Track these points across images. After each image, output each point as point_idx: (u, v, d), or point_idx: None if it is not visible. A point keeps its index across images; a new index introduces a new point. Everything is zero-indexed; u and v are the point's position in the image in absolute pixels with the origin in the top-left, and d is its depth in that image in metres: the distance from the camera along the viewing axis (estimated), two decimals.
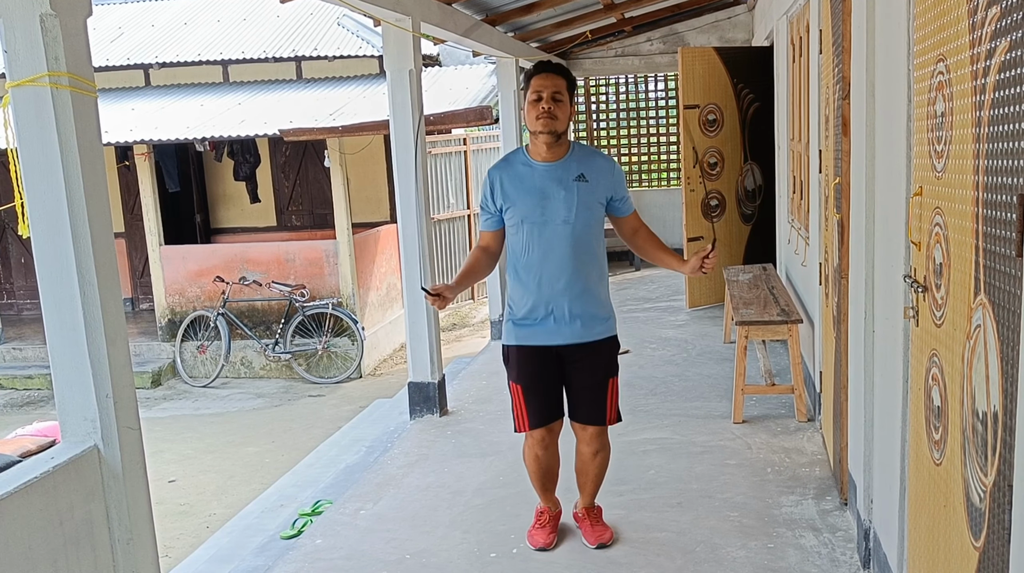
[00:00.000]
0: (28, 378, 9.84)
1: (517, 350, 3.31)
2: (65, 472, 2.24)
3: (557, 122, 3.15)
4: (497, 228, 3.33)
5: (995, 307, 1.72)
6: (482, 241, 3.40)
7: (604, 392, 3.32)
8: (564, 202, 3.17)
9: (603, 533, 3.51)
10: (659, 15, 9.30)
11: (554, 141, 3.18)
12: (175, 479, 6.64)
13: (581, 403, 3.34)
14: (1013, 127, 1.61)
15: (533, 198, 3.18)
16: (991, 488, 1.74)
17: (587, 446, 3.40)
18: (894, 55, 2.61)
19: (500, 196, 3.25)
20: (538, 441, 3.37)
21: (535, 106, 3.14)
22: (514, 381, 3.35)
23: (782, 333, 4.92)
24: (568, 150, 3.24)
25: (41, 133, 2.22)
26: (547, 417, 3.34)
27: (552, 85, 3.15)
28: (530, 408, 3.32)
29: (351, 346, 9.53)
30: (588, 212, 3.20)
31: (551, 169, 3.21)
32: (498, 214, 3.29)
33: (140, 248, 11.10)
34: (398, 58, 5.19)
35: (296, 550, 3.72)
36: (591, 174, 3.21)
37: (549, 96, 3.13)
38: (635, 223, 3.38)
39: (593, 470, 3.45)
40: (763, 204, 7.94)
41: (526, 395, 3.32)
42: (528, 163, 3.24)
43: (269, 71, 11.32)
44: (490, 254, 3.39)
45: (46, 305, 2.33)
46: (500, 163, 3.35)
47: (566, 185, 3.18)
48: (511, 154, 3.37)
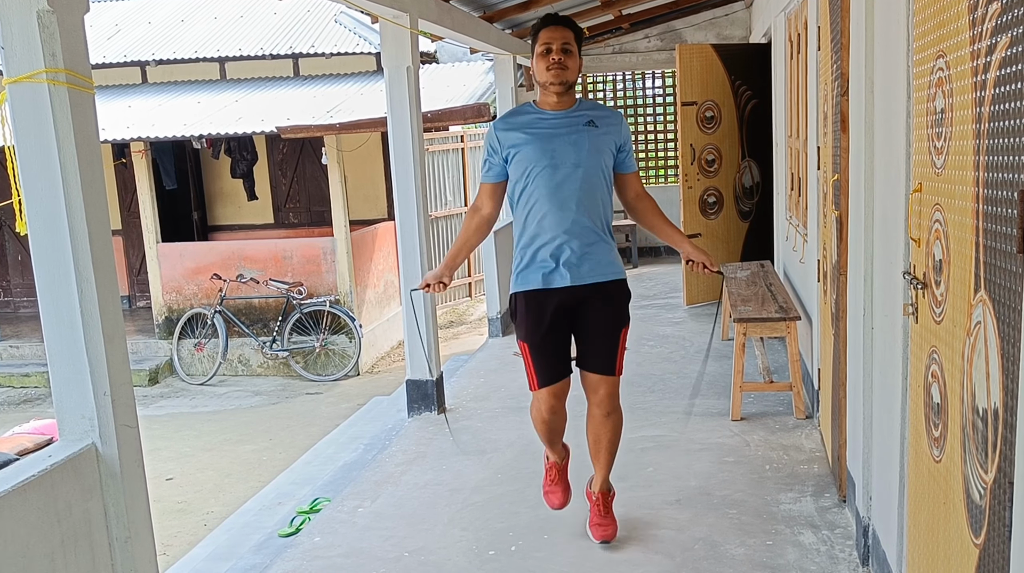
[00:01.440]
0: (25, 376, 9.82)
1: (525, 298, 3.25)
2: (63, 470, 2.23)
3: (568, 72, 3.15)
4: (499, 179, 3.29)
5: (995, 304, 1.72)
6: (478, 198, 3.37)
7: (615, 340, 3.27)
8: (574, 145, 3.15)
9: (607, 528, 3.47)
10: (656, 12, 9.29)
11: (564, 91, 3.18)
12: (172, 477, 6.64)
13: (591, 351, 3.29)
14: (1014, 123, 1.60)
15: (543, 142, 3.16)
16: (991, 485, 1.73)
17: (598, 408, 3.33)
18: (893, 51, 2.61)
19: (508, 142, 3.21)
20: (546, 405, 3.30)
21: (544, 58, 3.14)
22: (522, 339, 3.30)
23: (780, 330, 4.92)
24: (576, 102, 3.26)
25: (38, 130, 2.21)
26: (554, 375, 3.27)
27: (561, 36, 3.15)
28: (537, 364, 3.27)
29: (349, 344, 9.52)
30: (598, 156, 3.18)
31: (561, 115, 3.20)
32: (502, 164, 3.25)
33: (137, 246, 11.09)
34: (396, 55, 5.18)
35: (294, 548, 3.72)
36: (600, 121, 3.21)
37: (559, 47, 3.14)
38: (638, 186, 3.37)
39: (607, 435, 3.37)
40: (761, 201, 7.94)
41: (533, 353, 3.27)
42: (537, 112, 3.24)
43: (266, 68, 11.30)
44: (482, 217, 3.36)
45: (43, 303, 2.32)
46: (506, 114, 3.33)
47: (576, 129, 3.17)
48: (517, 107, 3.35)
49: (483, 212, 3.37)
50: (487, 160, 3.30)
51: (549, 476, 3.59)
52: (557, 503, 3.55)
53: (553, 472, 3.57)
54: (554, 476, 3.57)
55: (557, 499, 3.55)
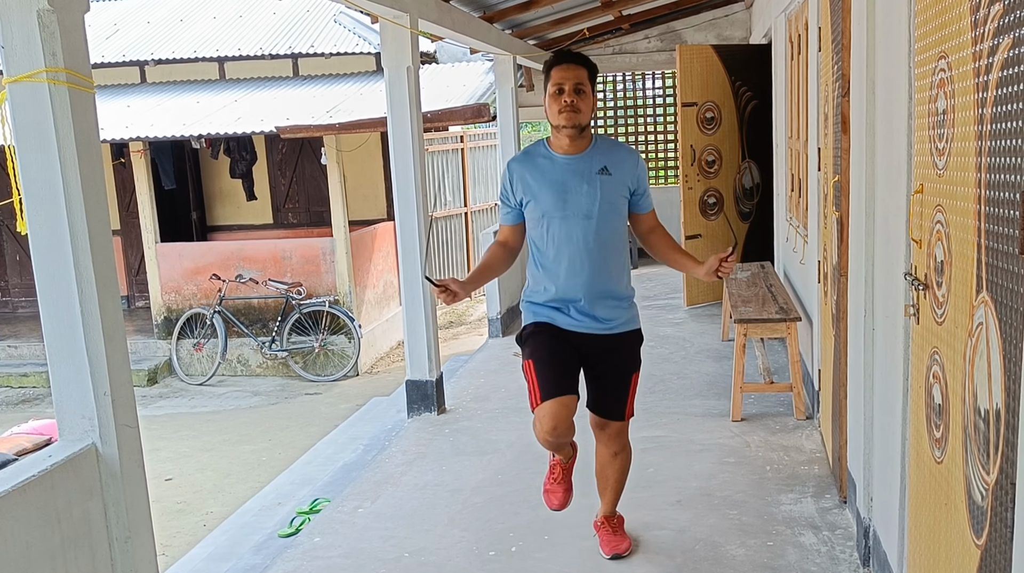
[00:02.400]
0: (24, 376, 9.81)
1: (534, 326, 3.18)
2: (63, 470, 2.23)
3: (580, 115, 3.04)
4: (517, 222, 3.22)
5: (997, 305, 1.72)
6: (500, 235, 3.30)
7: (626, 387, 3.21)
8: (587, 196, 3.06)
9: (620, 544, 3.39)
10: (656, 13, 9.29)
11: (577, 134, 3.08)
12: (172, 477, 6.63)
13: (601, 397, 3.22)
14: (1016, 124, 1.60)
15: (555, 192, 3.08)
16: (993, 486, 1.73)
17: (606, 447, 3.29)
18: (895, 53, 2.61)
19: (520, 189, 3.14)
20: (548, 426, 3.01)
21: (557, 99, 3.03)
22: (527, 358, 3.13)
23: (780, 331, 4.92)
24: (591, 142, 3.14)
25: (39, 129, 2.21)
26: (560, 388, 3.03)
27: (574, 76, 3.03)
28: (541, 379, 3.05)
29: (348, 344, 9.52)
30: (611, 206, 3.10)
31: (573, 162, 3.10)
32: (518, 208, 3.18)
33: (136, 246, 11.08)
34: (396, 55, 5.17)
35: (294, 548, 3.71)
36: (614, 167, 3.10)
37: (571, 88, 3.02)
38: (652, 222, 3.28)
39: (614, 474, 3.34)
40: (761, 202, 7.94)
41: (538, 367, 3.08)
42: (549, 156, 3.14)
43: (265, 68, 11.29)
44: (508, 250, 3.28)
45: (43, 302, 2.31)
46: (520, 156, 3.24)
47: (588, 178, 3.07)
48: (531, 147, 3.25)
49: (510, 245, 3.28)
50: (503, 202, 3.24)
51: (552, 473, 3.42)
52: (557, 503, 3.39)
53: (557, 470, 3.41)
54: (558, 474, 3.41)
55: (557, 499, 3.38)
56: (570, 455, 3.41)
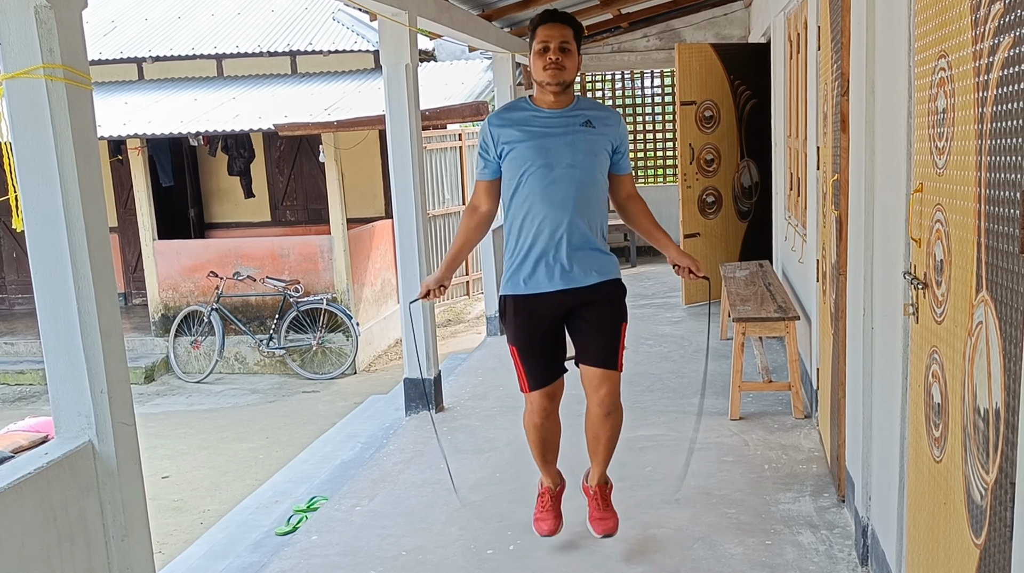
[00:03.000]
0: (20, 373, 9.79)
1: (514, 301, 3.19)
2: (59, 468, 2.22)
3: (565, 72, 3.06)
4: (495, 176, 3.22)
5: (997, 304, 1.71)
6: (475, 197, 3.30)
7: (615, 334, 3.19)
8: (569, 146, 3.08)
9: (608, 521, 3.39)
10: (655, 11, 9.28)
11: (561, 91, 3.10)
12: (168, 475, 6.62)
13: (591, 345, 3.19)
14: (1016, 123, 1.60)
15: (537, 141, 3.09)
16: (993, 485, 1.73)
17: (599, 407, 3.21)
18: (894, 52, 2.61)
19: (502, 139, 3.13)
20: (538, 407, 3.24)
21: (542, 56, 3.06)
22: (511, 342, 3.25)
23: (779, 330, 4.92)
24: (574, 100, 3.18)
25: (36, 126, 2.20)
26: (546, 377, 3.21)
27: (559, 35, 3.06)
28: (528, 369, 3.21)
29: (345, 342, 9.51)
30: (593, 158, 3.11)
31: (557, 115, 3.12)
32: (496, 161, 3.17)
33: (133, 243, 11.07)
34: (394, 53, 5.17)
35: (291, 546, 3.71)
36: (597, 122, 3.13)
37: (556, 46, 3.05)
38: (630, 187, 3.31)
39: (606, 433, 3.29)
40: (759, 201, 7.94)
41: (522, 356, 3.21)
42: (532, 108, 3.16)
43: (263, 65, 11.28)
44: (482, 215, 3.29)
45: (40, 299, 2.30)
46: (501, 110, 3.25)
47: (572, 130, 3.10)
48: (512, 102, 3.27)
49: (481, 210, 3.30)
50: (481, 156, 3.23)
51: (541, 502, 3.49)
52: (547, 530, 3.44)
53: (546, 498, 3.47)
54: (547, 502, 3.47)
55: (548, 526, 3.45)
56: (557, 481, 3.50)
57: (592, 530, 3.42)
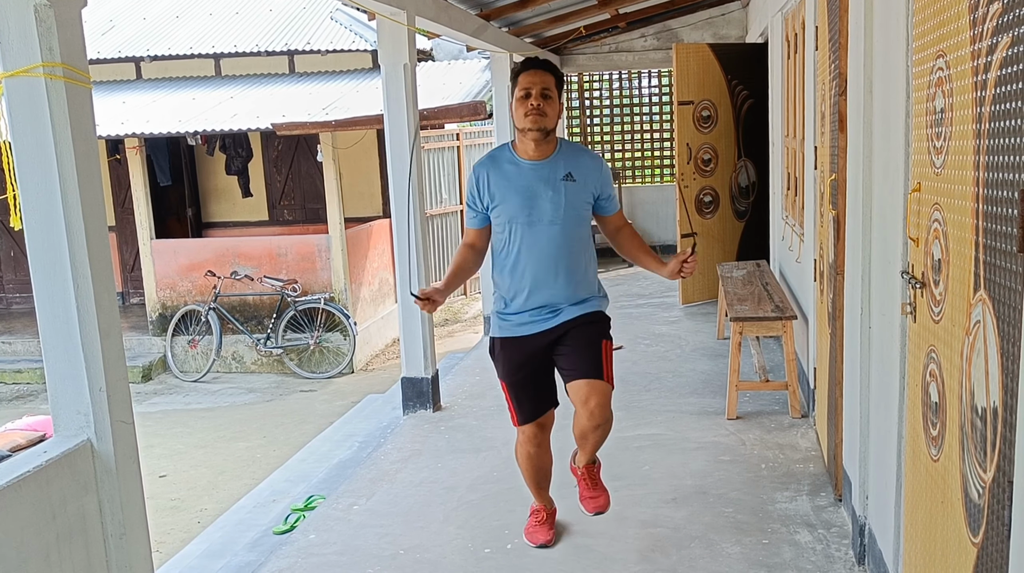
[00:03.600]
0: (17, 372, 9.78)
1: (502, 342, 3.27)
2: (58, 466, 2.22)
3: (546, 119, 3.09)
4: (483, 226, 3.28)
5: (995, 303, 1.72)
6: (467, 238, 3.35)
7: (598, 349, 3.20)
8: (551, 202, 3.12)
9: (599, 499, 3.37)
10: (653, 11, 9.29)
11: (542, 138, 3.13)
12: (166, 474, 6.61)
13: (575, 360, 3.20)
14: (1014, 123, 1.60)
15: (520, 198, 3.13)
16: (990, 484, 1.73)
17: (589, 420, 3.18)
18: (893, 51, 2.61)
19: (487, 195, 3.20)
20: (529, 438, 3.33)
21: (523, 103, 3.09)
22: (501, 378, 3.34)
23: (776, 329, 4.92)
24: (556, 148, 3.19)
25: (35, 124, 2.20)
26: (535, 412, 3.30)
27: (541, 82, 3.09)
28: (517, 404, 3.30)
29: (343, 341, 9.50)
30: (575, 212, 3.16)
31: (538, 168, 3.15)
32: (484, 212, 3.24)
33: (131, 242, 11.05)
34: (393, 52, 5.17)
35: (289, 545, 3.71)
36: (578, 173, 3.16)
37: (538, 93, 3.08)
38: (618, 222, 3.35)
39: (593, 438, 3.27)
40: (757, 201, 7.95)
41: (511, 391, 3.30)
42: (515, 161, 3.19)
43: (261, 65, 11.26)
44: (476, 251, 3.34)
45: (39, 298, 2.30)
46: (486, 160, 3.28)
47: (553, 185, 3.13)
48: (497, 151, 3.30)
49: (476, 247, 3.34)
50: (470, 207, 3.29)
51: (536, 517, 3.54)
52: (543, 539, 3.47)
53: (540, 514, 3.54)
54: (540, 518, 3.53)
55: (542, 536, 3.49)
56: (551, 504, 3.56)
57: (584, 509, 3.40)
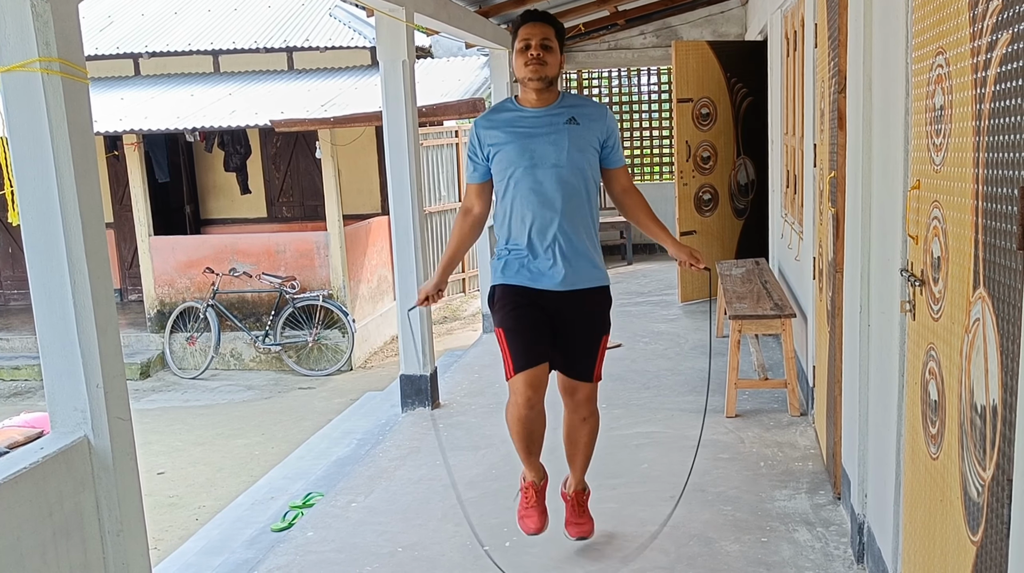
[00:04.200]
0: (15, 369, 9.77)
1: (503, 288, 3.21)
2: (55, 463, 2.21)
3: (547, 67, 3.09)
4: (485, 179, 3.25)
5: (995, 301, 1.71)
6: (467, 199, 3.32)
7: (595, 348, 3.22)
8: (554, 144, 3.10)
9: (583, 526, 3.42)
10: (652, 8, 9.28)
11: (544, 87, 3.13)
12: (164, 471, 6.61)
13: (569, 358, 3.22)
14: (1014, 120, 1.60)
15: (522, 141, 3.12)
16: (989, 482, 1.73)
17: (575, 413, 3.26)
18: (892, 49, 2.60)
19: (488, 141, 3.17)
20: (522, 398, 3.13)
21: (524, 53, 3.10)
22: (497, 325, 3.23)
23: (775, 327, 4.92)
24: (558, 97, 3.19)
25: (31, 119, 2.19)
26: (531, 358, 3.13)
27: (540, 33, 3.11)
28: (513, 349, 3.15)
29: (341, 338, 9.50)
30: (579, 155, 3.12)
31: (541, 113, 3.15)
32: (485, 163, 3.21)
33: (129, 239, 11.04)
34: (392, 49, 5.16)
35: (287, 543, 3.70)
36: (582, 118, 3.15)
37: (538, 43, 3.09)
38: (625, 181, 3.31)
39: (583, 438, 3.30)
40: (756, 198, 7.95)
41: (508, 336, 3.17)
42: (517, 109, 3.19)
43: (260, 61, 11.25)
44: (474, 218, 3.31)
45: (36, 294, 2.29)
46: (487, 112, 3.29)
47: (556, 128, 3.12)
48: (498, 104, 3.31)
49: (474, 212, 3.32)
50: (470, 159, 3.26)
51: (525, 497, 3.44)
52: (533, 527, 3.39)
53: (530, 492, 3.42)
54: (531, 497, 3.42)
55: (533, 523, 3.39)
56: (541, 475, 3.43)
57: (567, 533, 3.46)
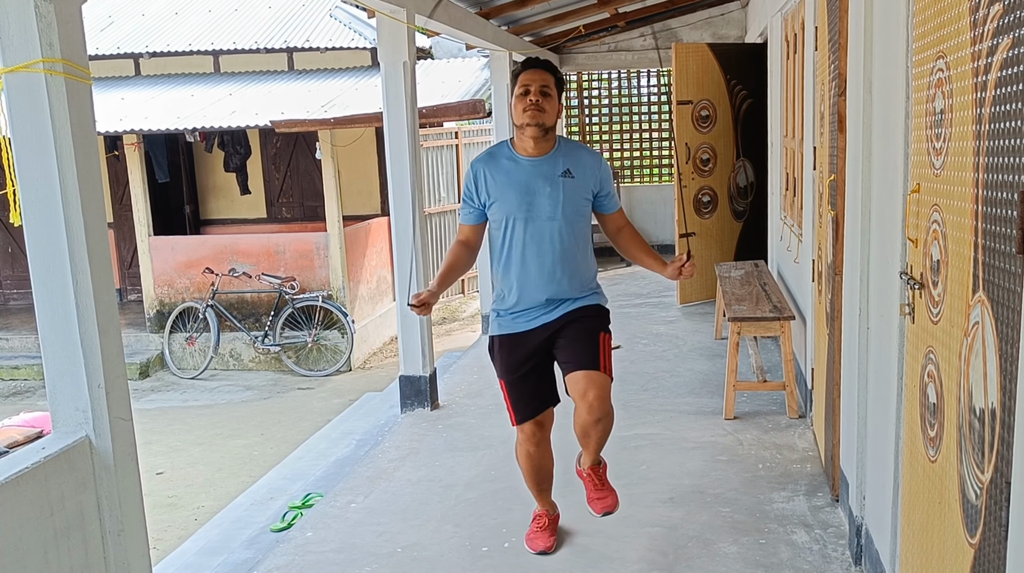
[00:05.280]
0: (15, 369, 9.76)
1: (500, 340, 3.26)
2: (56, 463, 2.21)
3: (545, 115, 3.10)
4: (479, 222, 3.28)
5: (994, 304, 1.72)
6: (461, 234, 3.34)
7: (595, 342, 3.19)
8: (550, 198, 3.12)
9: (606, 499, 3.31)
10: (652, 11, 9.29)
11: (541, 135, 3.13)
12: (163, 471, 6.61)
13: (573, 353, 3.19)
14: (1014, 124, 1.61)
15: (518, 194, 3.13)
16: (988, 485, 1.74)
17: (589, 414, 3.11)
18: (892, 52, 2.61)
19: (484, 191, 3.19)
20: (528, 437, 3.31)
21: (522, 99, 3.11)
22: (499, 377, 3.32)
23: (774, 329, 4.93)
24: (554, 145, 3.20)
25: (35, 120, 2.19)
26: (533, 410, 3.27)
27: (540, 79, 3.12)
28: (515, 402, 3.28)
29: (341, 339, 9.50)
30: (574, 208, 3.15)
31: (537, 164, 3.15)
32: (481, 208, 3.23)
33: (129, 239, 11.04)
34: (392, 50, 5.16)
35: (286, 543, 3.71)
36: (577, 169, 3.16)
37: (537, 90, 3.10)
38: (619, 221, 3.34)
39: (596, 434, 3.23)
40: (755, 201, 7.96)
41: (510, 390, 3.28)
42: (513, 158, 3.19)
43: (260, 62, 11.25)
44: (470, 248, 3.33)
45: (38, 294, 2.30)
46: (484, 156, 3.28)
47: (552, 181, 3.13)
48: (495, 147, 3.30)
49: (469, 245, 3.33)
50: (466, 202, 3.26)
51: (537, 523, 3.50)
52: (543, 546, 3.43)
53: (543, 520, 3.48)
54: (543, 524, 3.48)
55: (543, 543, 3.44)
56: (553, 509, 3.52)
57: (592, 510, 3.33)
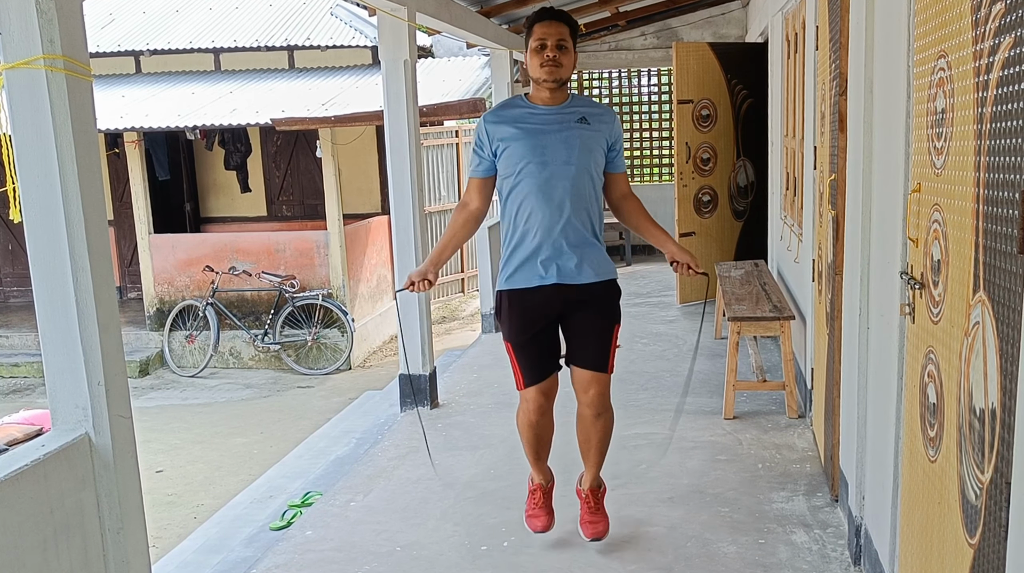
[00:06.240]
0: (14, 366, 9.77)
1: (509, 296, 3.20)
2: (56, 460, 2.21)
3: (562, 69, 3.09)
4: (488, 174, 3.23)
5: (995, 304, 1.72)
6: (467, 193, 3.30)
7: (607, 338, 3.21)
8: (565, 142, 3.09)
9: (598, 525, 3.41)
10: (653, 10, 9.29)
11: (557, 88, 3.13)
12: (162, 469, 6.61)
13: (582, 348, 3.21)
14: (1016, 124, 1.60)
15: (533, 138, 3.10)
16: (988, 485, 1.74)
17: (589, 408, 3.23)
18: (894, 52, 2.61)
19: (497, 137, 3.14)
20: (533, 405, 3.24)
21: (539, 54, 3.08)
22: (506, 338, 3.26)
23: (774, 329, 4.93)
24: (569, 97, 3.20)
25: (35, 116, 2.19)
26: (540, 373, 3.22)
27: (556, 32, 3.09)
28: (523, 366, 3.23)
29: (341, 338, 9.51)
30: (588, 155, 3.12)
31: (552, 111, 3.14)
32: (491, 158, 3.19)
33: (129, 236, 11.04)
34: (393, 48, 5.16)
35: (286, 541, 3.71)
36: (592, 119, 3.15)
37: (554, 44, 3.07)
38: (624, 187, 3.33)
39: (597, 435, 3.29)
40: (755, 200, 7.95)
41: (518, 354, 3.23)
42: (528, 106, 3.18)
43: (261, 60, 11.25)
44: (471, 211, 3.29)
45: (38, 291, 2.30)
46: (497, 107, 3.26)
47: (567, 127, 3.11)
48: (508, 100, 3.29)
49: (471, 207, 3.30)
50: (476, 153, 3.23)
51: (533, 499, 3.50)
52: (540, 526, 3.45)
53: (538, 494, 3.48)
54: (539, 499, 3.48)
55: (541, 522, 3.45)
56: (548, 478, 3.51)
57: (582, 533, 3.45)
